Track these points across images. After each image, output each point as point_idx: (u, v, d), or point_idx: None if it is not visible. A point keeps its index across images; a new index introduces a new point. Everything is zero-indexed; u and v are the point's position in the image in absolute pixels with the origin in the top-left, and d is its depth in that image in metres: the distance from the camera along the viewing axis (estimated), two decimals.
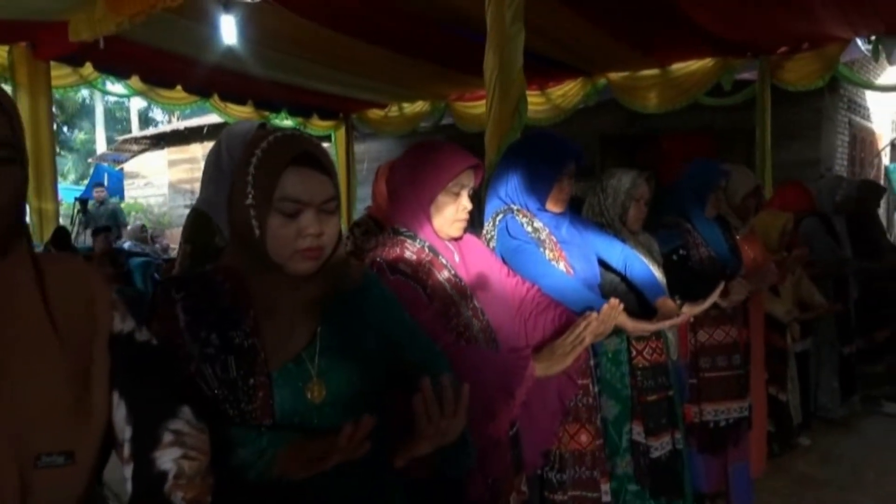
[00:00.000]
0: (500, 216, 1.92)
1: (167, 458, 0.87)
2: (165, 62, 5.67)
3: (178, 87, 6.63)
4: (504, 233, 1.89)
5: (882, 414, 4.10)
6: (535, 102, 6.54)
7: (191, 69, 5.76)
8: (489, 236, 1.93)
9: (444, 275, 1.47)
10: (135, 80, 6.27)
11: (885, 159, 8.01)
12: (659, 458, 2.22)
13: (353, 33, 4.91)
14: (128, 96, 7.92)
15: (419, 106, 7.49)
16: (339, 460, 0.94)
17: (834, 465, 3.35)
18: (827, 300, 3.61)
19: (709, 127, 6.72)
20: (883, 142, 7.81)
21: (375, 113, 7.93)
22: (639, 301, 2.13)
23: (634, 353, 2.23)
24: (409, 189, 1.51)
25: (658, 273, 2.34)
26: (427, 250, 1.49)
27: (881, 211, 7.88)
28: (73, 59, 5.41)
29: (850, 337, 3.91)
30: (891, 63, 5.44)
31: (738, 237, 2.94)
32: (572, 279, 1.85)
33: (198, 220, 1.91)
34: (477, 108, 7.03)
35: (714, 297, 2.07)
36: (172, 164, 12.51)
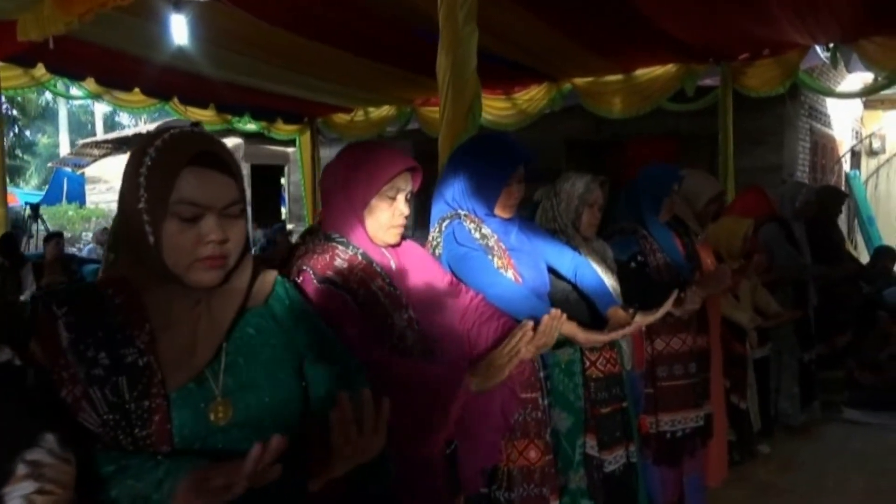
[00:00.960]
0: (447, 222, 1.83)
1: (16, 494, 0.76)
2: (121, 63, 5.50)
3: (137, 90, 6.45)
4: (450, 239, 1.80)
5: (842, 420, 4.11)
6: (501, 107, 6.54)
7: (148, 71, 5.60)
8: (435, 243, 1.84)
9: (377, 283, 1.38)
10: (90, 83, 6.09)
11: (846, 166, 8.13)
12: (613, 472, 2.16)
13: (311, 35, 4.82)
14: (83, 99, 7.69)
15: (385, 110, 7.41)
16: (247, 487, 0.85)
17: (794, 473, 3.33)
18: (786, 306, 3.60)
19: (674, 132, 6.76)
20: (843, 148, 7.94)
21: (341, 117, 7.84)
22: (591, 310, 2.07)
23: (588, 363, 2.16)
24: (340, 193, 1.42)
25: (611, 281, 2.28)
26: (360, 257, 1.40)
27: (842, 217, 8.02)
28: (24, 59, 5.23)
29: (810, 343, 3.91)
30: (849, 71, 5.53)
31: (698, 243, 2.90)
32: (520, 288, 1.78)
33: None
34: None
35: (667, 307, 2.01)
36: None
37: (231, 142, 10.63)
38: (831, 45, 4.86)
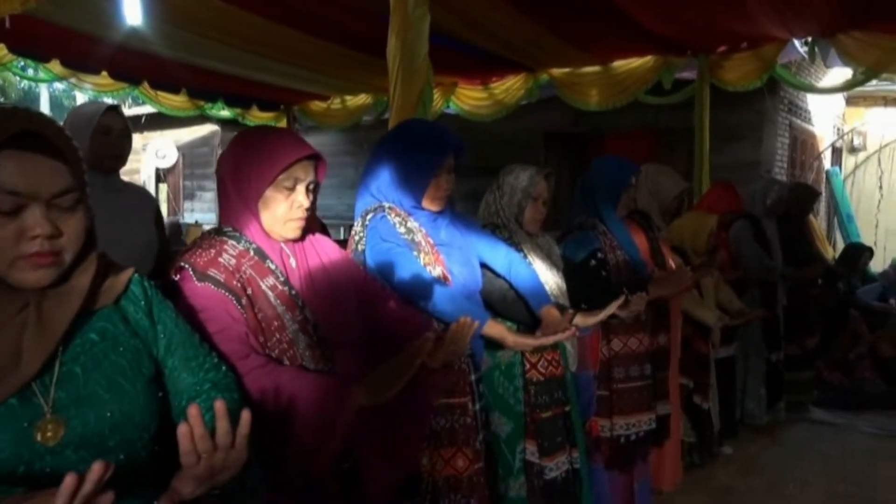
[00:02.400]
0: (371, 215, 1.71)
1: None
2: (87, 46, 5.31)
3: (104, 74, 6.28)
4: (374, 234, 1.69)
5: (808, 420, 4.04)
6: (477, 97, 6.44)
7: (116, 54, 5.42)
8: (358, 237, 1.72)
9: (268, 282, 1.27)
10: (55, 65, 5.90)
11: (826, 162, 8.07)
12: (554, 479, 2.06)
13: (284, 21, 4.68)
14: (46, 81, 7.49)
15: (362, 99, 7.28)
16: None
17: (755, 476, 3.25)
18: (755, 306, 3.51)
19: (653, 126, 6.68)
20: (823, 145, 7.86)
21: (317, 105, 7.70)
22: (532, 310, 1.96)
23: (528, 365, 2.06)
24: (231, 183, 1.29)
25: (556, 279, 2.17)
26: (252, 253, 1.29)
27: (821, 214, 7.96)
28: None
29: (778, 343, 3.82)
30: (827, 66, 5.45)
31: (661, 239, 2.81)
32: (447, 287, 1.67)
33: None
34: None
35: (611, 310, 1.91)
36: None
37: (207, 129, 10.46)
38: (809, 39, 4.77)
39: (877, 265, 7.54)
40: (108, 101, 5.39)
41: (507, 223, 2.17)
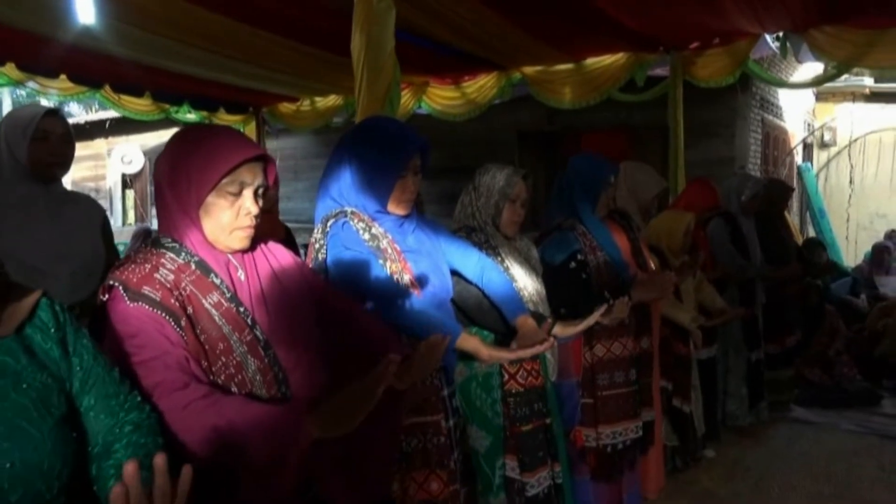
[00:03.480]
0: (332, 221, 1.58)
1: None
2: (41, 47, 5.08)
3: (63, 77, 6.05)
4: (335, 242, 1.56)
5: (790, 420, 3.99)
6: (450, 97, 6.36)
7: (75, 56, 5.20)
8: (318, 245, 1.59)
9: (212, 299, 1.13)
10: (10, 68, 5.65)
11: (798, 158, 8.11)
12: (536, 495, 1.95)
13: (250, 21, 4.53)
14: (2, 86, 7.20)
15: (332, 100, 7.13)
16: None
17: (739, 480, 3.18)
18: (733, 305, 3.44)
19: (627, 124, 6.64)
20: (795, 141, 7.90)
21: (287, 107, 7.53)
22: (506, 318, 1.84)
23: (506, 376, 1.94)
24: (168, 188, 1.16)
25: (535, 284, 2.06)
26: (193, 267, 1.15)
27: (794, 210, 8.00)
28: None
29: (758, 342, 3.76)
30: (799, 61, 5.44)
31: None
32: (416, 298, 1.54)
33: None
34: None
35: (592, 320, 1.81)
36: (75, 160, 11.60)
37: (174, 133, 10.19)
38: (781, 34, 4.75)
39: (848, 259, 7.61)
40: (47, 103, 5.18)
41: (483, 226, 2.05)
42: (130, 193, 11.23)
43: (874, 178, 8.23)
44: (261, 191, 1.20)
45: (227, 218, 1.16)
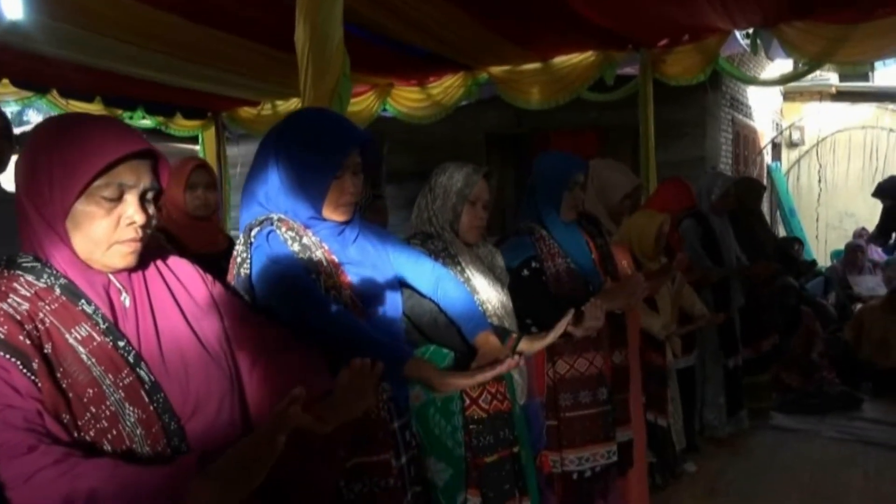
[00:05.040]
0: (256, 230, 1.35)
1: None
2: None
3: (5, 81, 5.71)
4: (260, 253, 1.33)
5: (770, 428, 3.85)
6: (415, 99, 6.19)
7: (15, 59, 4.88)
8: (241, 259, 1.36)
9: (79, 333, 0.89)
10: None
11: (767, 157, 8.07)
12: None
13: (205, 21, 4.28)
14: None
15: (293, 103, 6.87)
16: None
17: (722, 496, 3.01)
18: (708, 310, 3.27)
19: (597, 125, 6.52)
20: (764, 140, 7.86)
21: (247, 111, 7.28)
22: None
23: (468, 401, 1.72)
24: (25, 195, 0.92)
25: (500, 295, 1.85)
26: (58, 292, 0.91)
27: (765, 209, 7.95)
28: None
29: (735, 348, 3.60)
30: (769, 58, 5.36)
31: (612, 244, 2.53)
32: (352, 319, 1.32)
33: None
34: (356, 104, 6.55)
35: (560, 329, 1.60)
36: None
37: None
38: (751, 31, 4.64)
39: (819, 259, 7.57)
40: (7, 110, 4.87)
41: (440, 232, 1.83)
42: None
43: (843, 176, 8.24)
44: (150, 195, 0.97)
45: (103, 230, 0.92)
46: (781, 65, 6.06)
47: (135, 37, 4.62)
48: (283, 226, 1.34)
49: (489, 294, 1.82)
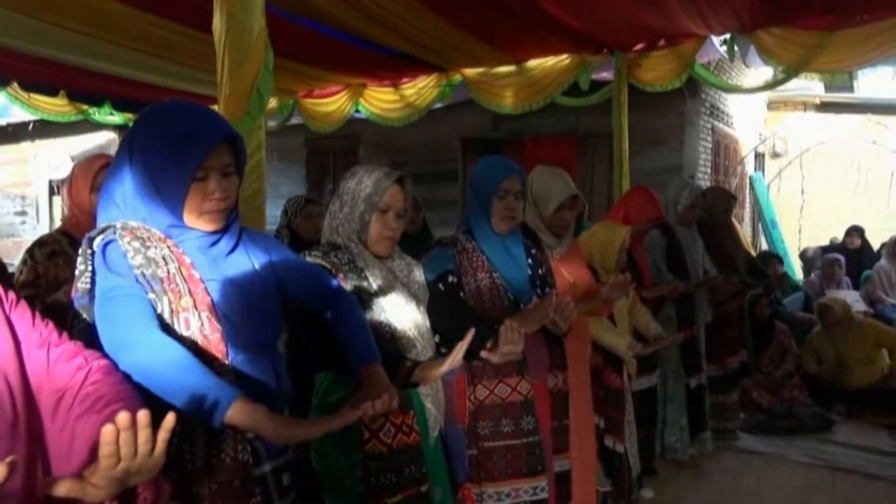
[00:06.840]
0: (97, 239, 1.16)
1: None
2: None
3: None
4: (101, 268, 1.14)
5: (736, 450, 3.67)
6: (388, 100, 6.04)
7: None
8: (79, 270, 1.16)
9: None
10: None
11: (750, 168, 7.93)
12: None
13: (175, 18, 4.12)
14: None
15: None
16: None
17: None
18: (671, 326, 3.10)
19: (574, 130, 6.38)
20: (746, 150, 7.71)
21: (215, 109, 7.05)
22: (385, 361, 1.42)
23: (367, 434, 1.54)
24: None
25: (415, 315, 1.66)
26: None
27: (746, 220, 7.80)
28: None
29: (698, 366, 3.42)
30: (746, 64, 5.21)
31: (554, 259, 2.34)
32: (179, 351, 1.09)
33: None
34: (329, 105, 6.40)
35: (458, 353, 1.41)
36: None
37: (103, 136, 9.56)
38: (728, 37, 4.50)
39: (801, 272, 7.42)
40: None
41: (347, 243, 1.64)
42: (58, 200, 10.57)
43: (826, 188, 8.11)
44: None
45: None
46: (764, 73, 5.91)
47: (93, 28, 4.46)
48: (128, 235, 1.15)
49: (400, 314, 1.63)
